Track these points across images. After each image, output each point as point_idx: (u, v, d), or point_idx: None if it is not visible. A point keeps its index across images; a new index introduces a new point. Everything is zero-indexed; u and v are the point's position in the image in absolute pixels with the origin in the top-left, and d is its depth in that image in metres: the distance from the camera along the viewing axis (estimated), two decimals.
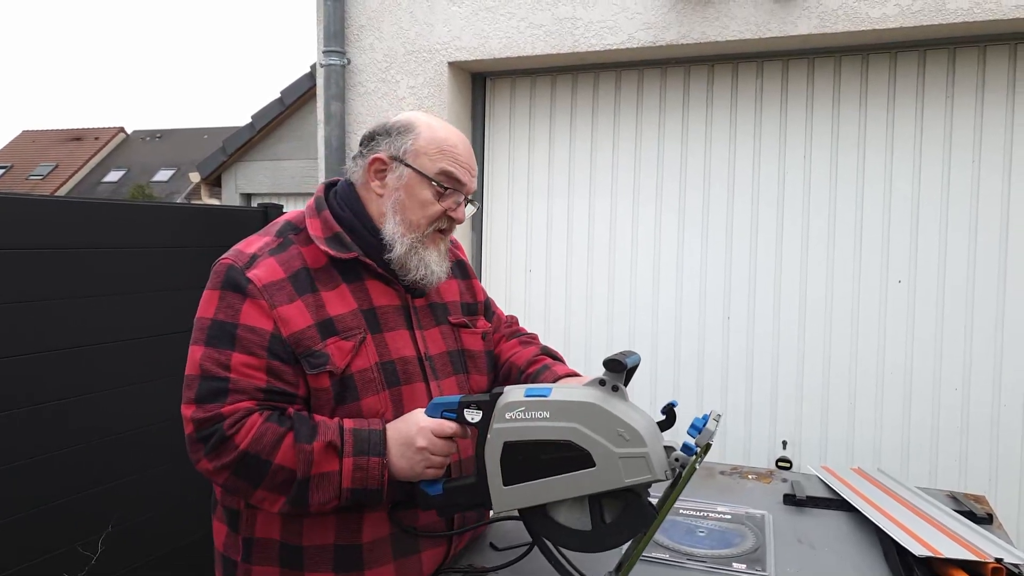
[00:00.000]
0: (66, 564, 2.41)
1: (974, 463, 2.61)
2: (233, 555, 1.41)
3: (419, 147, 1.40)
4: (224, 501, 1.43)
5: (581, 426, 1.14)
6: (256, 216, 3.29)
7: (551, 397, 1.17)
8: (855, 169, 2.71)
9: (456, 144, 1.43)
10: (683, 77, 2.93)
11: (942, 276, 2.63)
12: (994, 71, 2.56)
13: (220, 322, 1.33)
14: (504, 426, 1.18)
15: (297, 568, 1.34)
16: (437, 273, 1.43)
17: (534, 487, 1.17)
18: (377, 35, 3.14)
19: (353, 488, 1.26)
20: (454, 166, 1.40)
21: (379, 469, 1.26)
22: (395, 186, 1.40)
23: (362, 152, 1.44)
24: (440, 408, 1.27)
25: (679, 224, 2.94)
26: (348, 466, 1.26)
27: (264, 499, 1.27)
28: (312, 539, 1.34)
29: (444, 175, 1.40)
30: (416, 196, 1.39)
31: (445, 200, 1.41)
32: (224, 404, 1.28)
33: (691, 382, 2.94)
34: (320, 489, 1.26)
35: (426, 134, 1.41)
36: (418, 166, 1.39)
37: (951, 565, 1.38)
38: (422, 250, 1.40)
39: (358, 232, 1.40)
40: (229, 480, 1.27)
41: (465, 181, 1.43)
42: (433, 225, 1.41)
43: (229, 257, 1.38)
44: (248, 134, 8.87)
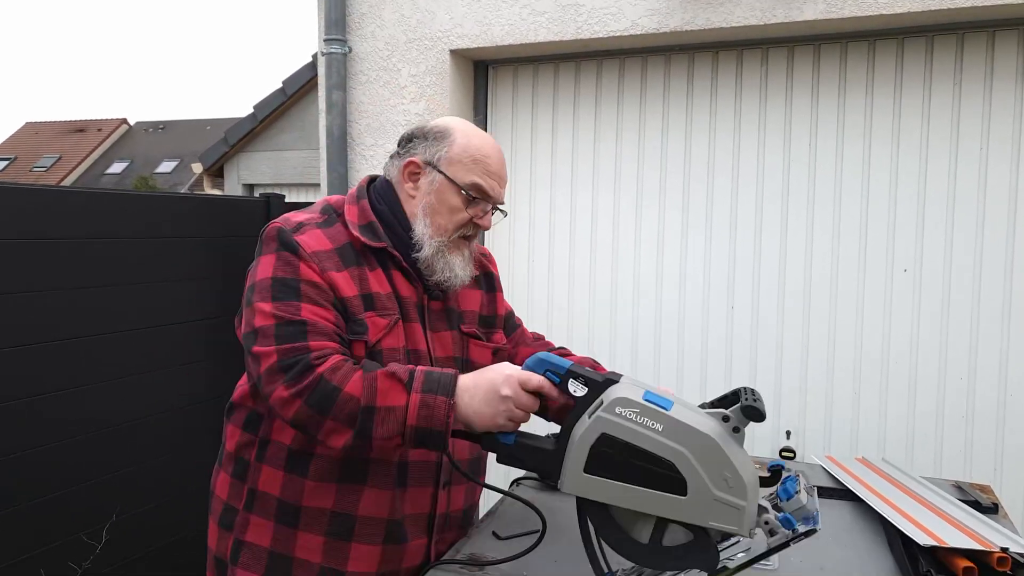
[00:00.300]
0: (70, 554, 2.42)
1: (979, 452, 2.60)
2: (235, 503, 1.46)
3: (453, 155, 1.45)
4: (239, 451, 1.47)
5: (690, 455, 1.10)
6: (258, 206, 3.28)
7: (670, 412, 1.12)
8: (861, 157, 2.69)
9: (489, 155, 1.47)
10: (687, 64, 2.90)
11: (948, 265, 2.61)
12: (1003, 57, 2.53)
13: (281, 279, 1.36)
14: (610, 418, 1.13)
15: (292, 526, 1.40)
16: (460, 277, 1.47)
17: (614, 487, 1.13)
18: (378, 23, 3.12)
19: (417, 426, 1.24)
20: (484, 178, 1.45)
21: (445, 409, 1.24)
22: (427, 190, 1.45)
23: (399, 153, 1.50)
24: (545, 366, 1.22)
25: (683, 214, 2.92)
26: (415, 402, 1.24)
27: (332, 432, 1.26)
28: (312, 501, 1.39)
29: (474, 187, 1.45)
30: (446, 202, 1.45)
31: (473, 208, 1.46)
32: (309, 341, 1.30)
33: (695, 372, 2.92)
34: (384, 423, 1.25)
35: (461, 142, 1.46)
36: (450, 174, 1.44)
37: (956, 554, 1.37)
38: (448, 254, 1.45)
39: (391, 225, 1.46)
40: (300, 410, 1.26)
41: (494, 193, 1.48)
42: (460, 231, 1.46)
43: (278, 222, 1.43)
44: (250, 125, 8.86)
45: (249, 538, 1.43)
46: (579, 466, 1.14)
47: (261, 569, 1.42)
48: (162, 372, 2.78)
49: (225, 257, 3.07)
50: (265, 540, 1.42)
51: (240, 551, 1.44)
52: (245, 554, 1.43)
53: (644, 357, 2.99)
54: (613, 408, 1.13)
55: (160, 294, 2.76)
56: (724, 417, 1.14)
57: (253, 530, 1.43)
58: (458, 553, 1.47)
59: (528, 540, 1.35)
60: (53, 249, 2.40)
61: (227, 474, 1.50)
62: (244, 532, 1.44)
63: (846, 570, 1.41)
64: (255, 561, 1.42)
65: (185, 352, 2.87)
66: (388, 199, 1.48)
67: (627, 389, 1.15)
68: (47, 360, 2.37)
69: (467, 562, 1.43)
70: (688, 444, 1.10)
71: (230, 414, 1.55)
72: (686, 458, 1.10)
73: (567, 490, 1.17)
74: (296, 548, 1.41)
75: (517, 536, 1.54)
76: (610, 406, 1.13)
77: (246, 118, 8.97)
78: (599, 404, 1.15)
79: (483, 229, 1.51)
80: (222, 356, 3.03)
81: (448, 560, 1.44)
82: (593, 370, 1.22)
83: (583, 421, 1.16)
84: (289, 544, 1.41)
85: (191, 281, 2.90)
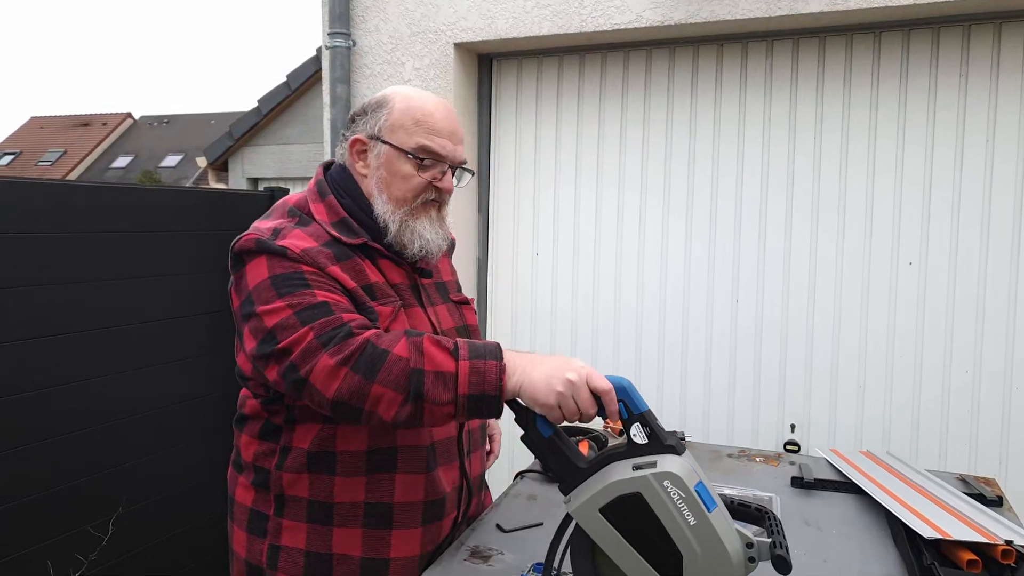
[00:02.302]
0: (77, 546, 2.44)
1: (984, 446, 2.59)
2: (264, 509, 1.44)
3: (394, 121, 1.39)
4: (257, 460, 1.45)
5: (703, 560, 1.09)
6: (262, 200, 3.28)
7: (710, 515, 1.09)
8: (866, 150, 2.68)
9: (432, 112, 1.40)
10: (692, 57, 2.89)
11: (953, 258, 2.60)
12: (1009, 49, 2.51)
13: (281, 275, 1.29)
14: (655, 485, 1.09)
15: (326, 524, 1.38)
16: (434, 241, 1.42)
17: (616, 539, 1.12)
18: (382, 16, 3.12)
19: (470, 394, 1.18)
20: (431, 138, 1.39)
21: (496, 372, 1.18)
22: (376, 164, 1.40)
23: (344, 135, 1.46)
24: (624, 395, 1.16)
25: (687, 207, 2.91)
26: (464, 369, 1.19)
27: (379, 399, 1.19)
28: (343, 497, 1.37)
29: (421, 148, 1.38)
30: (397, 172, 1.39)
31: (427, 172, 1.40)
32: (341, 315, 1.25)
33: (699, 366, 2.92)
34: (436, 387, 1.18)
35: (400, 106, 1.40)
36: (395, 141, 1.39)
37: (960, 547, 1.37)
38: (412, 222, 1.40)
39: (360, 218, 1.41)
40: (347, 379, 1.19)
41: (445, 152, 1.40)
42: (420, 197, 1.41)
43: (250, 234, 1.36)
44: (254, 118, 8.86)
45: (284, 542, 1.41)
46: (597, 502, 1.12)
47: (300, 571, 1.40)
48: (167, 365, 2.79)
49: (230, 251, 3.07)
50: (300, 542, 1.40)
51: (277, 555, 1.42)
52: (283, 558, 1.41)
53: (648, 349, 2.99)
54: (662, 479, 1.09)
55: (166, 288, 2.77)
56: (748, 543, 1.12)
57: (287, 534, 1.41)
58: (462, 546, 1.48)
59: (532, 532, 1.35)
60: (59, 243, 2.40)
61: (248, 482, 1.48)
62: (278, 537, 1.42)
63: (850, 563, 1.41)
64: (293, 564, 1.40)
65: (191, 345, 2.88)
66: (348, 188, 1.43)
67: (684, 469, 1.11)
68: (52, 353, 2.38)
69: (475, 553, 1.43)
70: (706, 551, 1.08)
71: (241, 425, 1.53)
72: (696, 560, 1.09)
73: (573, 514, 1.15)
74: (334, 544, 1.39)
75: (521, 529, 1.54)
76: (661, 475, 1.10)
77: (250, 112, 8.97)
78: (651, 464, 1.12)
79: (446, 192, 1.44)
80: (227, 349, 3.04)
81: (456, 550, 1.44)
82: (662, 426, 1.16)
83: (626, 468, 1.13)
84: (326, 542, 1.39)
85: (196, 275, 2.91)
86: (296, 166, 8.72)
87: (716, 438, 2.88)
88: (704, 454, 2.09)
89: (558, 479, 1.20)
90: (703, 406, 2.93)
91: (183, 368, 2.85)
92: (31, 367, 2.32)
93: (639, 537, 1.11)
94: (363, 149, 1.42)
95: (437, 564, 1.41)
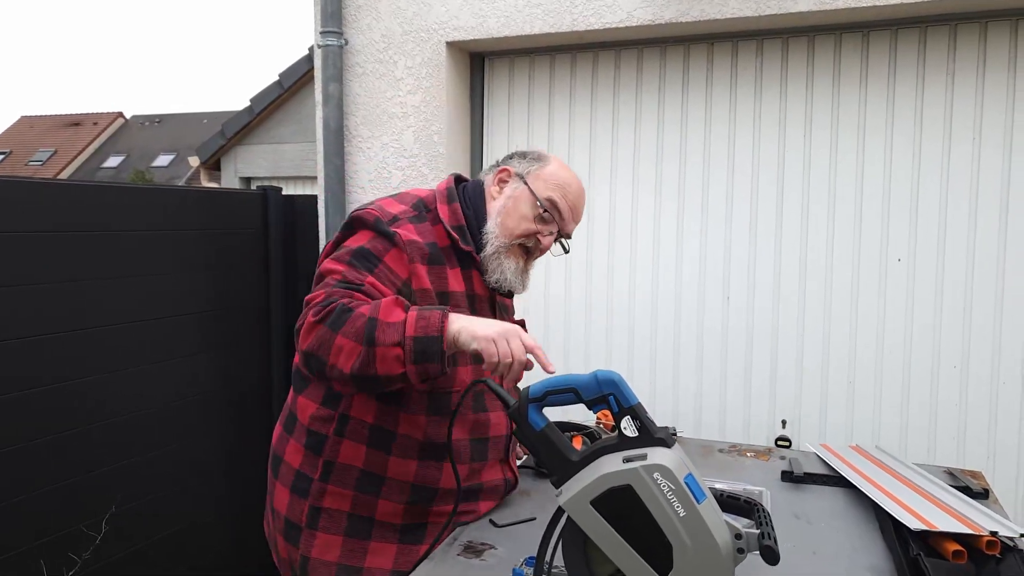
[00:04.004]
0: (70, 545, 2.44)
1: (972, 440, 2.62)
2: (310, 472, 1.55)
3: (541, 173, 1.61)
4: (312, 424, 1.55)
5: (692, 551, 1.10)
6: (255, 199, 3.29)
7: (699, 507, 1.10)
8: (855, 147, 2.70)
9: (571, 184, 1.62)
10: (682, 56, 2.91)
11: (941, 255, 2.63)
12: (995, 48, 2.54)
13: (366, 250, 1.47)
14: (645, 477, 1.11)
15: (374, 494, 1.52)
16: (511, 282, 1.60)
17: (607, 531, 1.13)
18: (375, 15, 3.12)
19: (416, 336, 1.29)
20: (561, 199, 1.59)
21: (440, 319, 1.31)
22: (508, 195, 1.60)
23: (498, 162, 1.68)
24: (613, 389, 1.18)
25: (679, 204, 2.93)
26: (412, 316, 1.31)
27: (340, 350, 1.31)
28: (395, 475, 1.52)
29: (549, 201, 1.59)
30: (519, 209, 1.59)
31: (539, 223, 1.59)
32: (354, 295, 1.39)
33: (691, 362, 2.94)
34: (385, 332, 1.29)
35: (552, 168, 1.63)
36: (532, 186, 1.60)
37: (946, 538, 1.39)
38: (503, 257, 1.58)
39: (472, 230, 1.59)
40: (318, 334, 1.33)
41: (565, 216, 1.61)
42: (520, 239, 1.59)
43: (374, 210, 1.53)
44: (247, 118, 8.85)
45: (327, 504, 1.53)
46: (589, 495, 1.14)
47: (341, 531, 1.53)
48: (160, 364, 2.79)
49: (223, 250, 3.08)
50: (345, 505, 1.53)
51: (319, 516, 1.54)
52: (324, 519, 1.54)
53: (640, 346, 3.01)
54: (652, 471, 1.11)
55: (158, 287, 2.77)
56: (737, 535, 1.13)
57: (331, 498, 1.53)
58: (455, 541, 1.49)
59: (525, 527, 1.36)
60: (51, 242, 2.40)
61: (299, 444, 1.58)
62: (321, 499, 1.54)
63: (838, 555, 1.43)
64: (334, 524, 1.53)
65: (183, 344, 2.89)
66: (475, 203, 1.62)
67: (674, 461, 1.12)
68: (44, 353, 2.39)
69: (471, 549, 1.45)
70: (696, 541, 1.10)
71: (302, 386, 1.61)
72: (687, 551, 1.10)
73: (564, 506, 1.17)
74: (378, 513, 1.53)
75: (514, 524, 1.56)
76: (651, 467, 1.11)
77: (243, 111, 8.96)
78: (641, 457, 1.13)
79: (543, 249, 1.62)
80: (220, 348, 3.04)
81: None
82: (652, 420, 1.19)
83: (616, 460, 1.14)
84: (371, 508, 1.53)
85: (192, 273, 2.91)
86: (289, 165, 8.71)
87: (708, 434, 2.91)
88: (696, 449, 2.11)
89: (550, 472, 1.22)
90: (695, 402, 2.95)
91: (175, 367, 2.85)
92: (20, 367, 2.32)
93: (630, 529, 1.13)
94: (505, 179, 1.63)
95: (430, 560, 1.42)
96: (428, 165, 3.07)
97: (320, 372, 1.36)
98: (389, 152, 3.14)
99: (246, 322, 3.19)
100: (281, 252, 3.34)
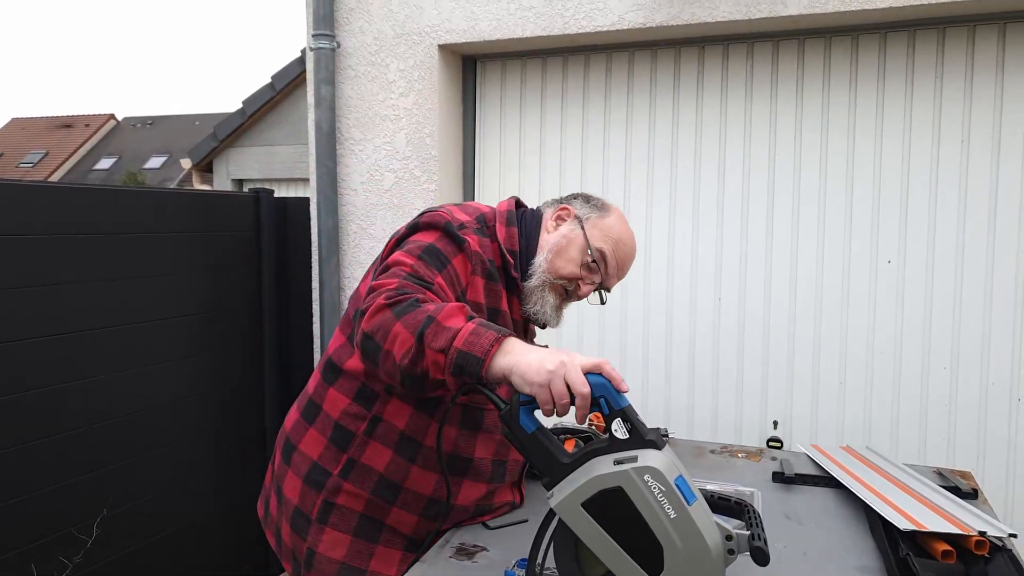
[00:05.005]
0: (61, 549, 2.43)
1: (962, 440, 2.64)
2: (329, 467, 1.55)
3: (600, 223, 1.63)
4: (343, 419, 1.55)
5: (683, 553, 1.10)
6: (248, 201, 3.28)
7: (689, 508, 1.10)
8: (844, 150, 2.72)
9: (626, 242, 1.65)
10: (673, 59, 2.92)
11: (931, 256, 2.65)
12: (983, 51, 2.56)
13: (437, 250, 1.47)
14: (635, 479, 1.10)
15: (390, 501, 1.53)
16: (548, 315, 1.61)
17: (598, 533, 1.13)
18: (367, 18, 3.12)
19: (460, 349, 1.23)
20: (611, 254, 1.62)
21: (490, 341, 1.23)
22: (563, 233, 1.62)
23: (562, 198, 1.70)
24: (603, 392, 1.17)
25: (670, 206, 2.94)
26: (467, 328, 1.25)
27: (398, 336, 1.27)
28: (414, 486, 1.53)
29: (600, 252, 1.61)
30: (569, 251, 1.60)
31: (584, 269, 1.61)
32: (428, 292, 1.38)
33: (683, 364, 2.95)
34: (437, 337, 1.24)
35: (611, 221, 1.64)
36: (588, 233, 1.61)
37: (935, 538, 1.40)
38: (547, 292, 1.60)
39: (521, 258, 1.62)
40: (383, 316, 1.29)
41: (609, 269, 1.63)
42: (563, 280, 1.60)
43: (444, 214, 1.54)
44: (239, 120, 8.83)
45: (341, 501, 1.54)
46: (580, 497, 1.13)
47: (350, 530, 1.54)
48: (153, 366, 2.79)
49: (215, 252, 3.07)
50: (359, 506, 1.54)
51: (330, 512, 1.54)
52: (335, 515, 1.54)
53: (632, 348, 3.01)
54: (643, 473, 1.10)
55: (150, 289, 2.77)
56: (727, 536, 1.13)
57: (346, 496, 1.54)
58: (447, 543, 1.49)
59: (517, 529, 1.37)
60: (41, 245, 2.40)
61: (322, 436, 1.57)
62: (336, 496, 1.54)
63: (828, 555, 1.44)
64: (344, 522, 1.54)
65: (176, 346, 2.88)
66: (531, 231, 1.64)
67: (664, 463, 1.12)
68: (34, 356, 2.38)
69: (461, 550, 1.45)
70: (687, 543, 1.10)
71: (333, 378, 1.58)
72: (677, 553, 1.10)
73: (556, 509, 1.16)
74: (389, 519, 1.54)
75: (506, 526, 1.56)
76: (641, 469, 1.11)
77: (235, 113, 8.94)
78: (631, 459, 1.13)
79: (580, 295, 1.63)
80: (212, 351, 3.04)
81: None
82: (642, 422, 1.18)
83: (606, 462, 1.14)
84: (383, 513, 1.54)
85: (185, 275, 2.91)
86: (281, 167, 8.69)
87: (700, 435, 2.92)
88: (687, 450, 2.12)
89: (541, 474, 1.22)
90: (687, 404, 2.96)
91: (168, 369, 2.85)
92: (12, 369, 2.31)
93: (621, 531, 1.13)
94: (564, 218, 1.64)
95: (422, 562, 1.42)
96: (420, 167, 3.08)
97: (374, 358, 1.32)
98: (381, 155, 3.14)
99: (239, 323, 3.18)
100: (274, 254, 3.34)
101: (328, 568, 1.54)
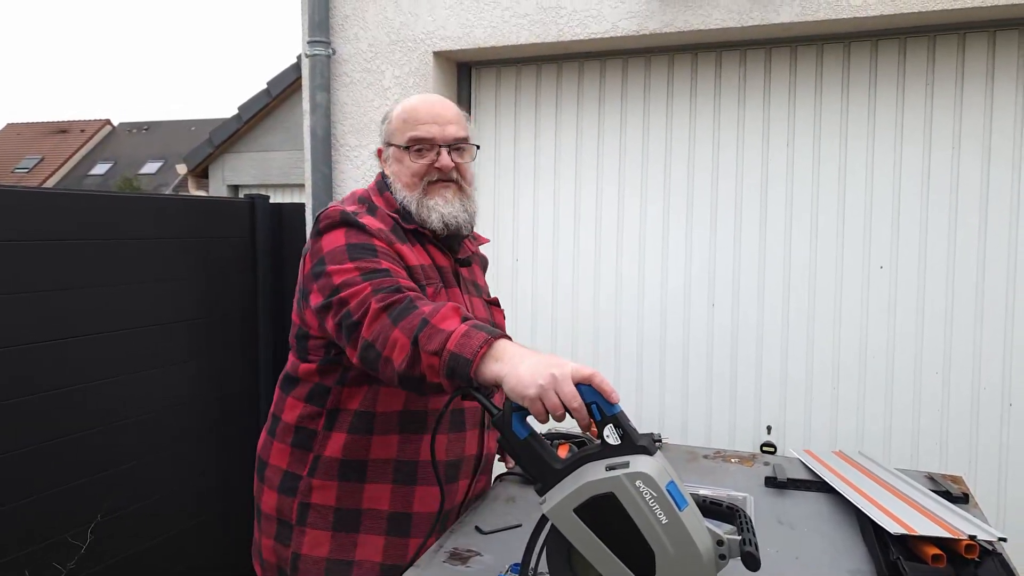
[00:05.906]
0: (54, 555, 2.42)
1: (954, 445, 2.65)
2: (298, 471, 1.58)
3: (393, 128, 1.66)
4: (301, 422, 1.59)
5: (676, 559, 1.10)
6: (243, 207, 3.29)
7: (680, 513, 1.10)
8: (837, 156, 2.74)
9: (416, 106, 1.65)
10: (667, 66, 2.94)
11: (923, 262, 2.66)
12: (973, 58, 2.59)
13: (356, 243, 1.48)
14: (627, 485, 1.11)
15: (359, 480, 1.55)
16: (450, 213, 1.61)
17: (590, 538, 1.13)
18: (362, 25, 3.14)
19: (452, 351, 1.24)
20: (416, 128, 1.61)
21: (480, 343, 1.24)
22: (391, 164, 1.67)
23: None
24: (594, 398, 1.18)
25: (664, 213, 2.96)
26: (460, 330, 1.27)
27: (397, 341, 1.30)
28: (377, 454, 1.54)
29: (411, 140, 1.62)
30: (403, 165, 1.63)
31: (422, 157, 1.61)
32: (399, 281, 1.41)
33: (677, 369, 2.96)
34: (431, 339, 1.27)
35: (394, 113, 1.67)
36: (395, 142, 1.65)
37: (925, 542, 1.40)
38: (427, 200, 1.60)
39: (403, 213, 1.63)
40: (381, 322, 1.33)
41: (431, 134, 1.61)
42: (424, 179, 1.61)
43: (337, 206, 1.57)
44: (235, 126, 8.83)
45: (315, 500, 1.55)
46: (571, 502, 1.14)
47: (329, 525, 1.55)
48: (149, 372, 2.79)
49: (211, 258, 3.08)
50: (331, 499, 1.55)
51: (307, 512, 1.56)
52: (312, 514, 1.56)
53: (628, 354, 3.02)
54: (634, 479, 1.11)
55: (145, 295, 2.77)
56: (719, 541, 1.14)
57: (318, 493, 1.55)
58: (441, 548, 1.49)
59: (510, 533, 1.37)
60: (38, 250, 2.40)
61: (285, 444, 1.60)
62: (309, 495, 1.56)
63: (820, 559, 1.45)
64: (322, 519, 1.55)
65: (172, 351, 2.88)
66: (387, 187, 1.67)
67: (656, 469, 1.12)
68: (29, 362, 2.38)
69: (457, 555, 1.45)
70: (678, 548, 1.10)
71: (289, 387, 1.64)
72: (669, 558, 1.11)
73: (548, 514, 1.17)
74: (364, 500, 1.55)
75: (500, 531, 1.57)
76: (633, 475, 1.11)
77: (231, 119, 8.94)
78: (623, 465, 1.13)
79: (445, 169, 1.62)
80: (206, 357, 3.04)
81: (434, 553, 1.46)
82: (634, 428, 1.18)
83: (598, 468, 1.14)
84: (357, 498, 1.55)
85: (176, 282, 2.91)
86: (277, 173, 8.69)
87: (694, 440, 2.92)
88: (681, 455, 2.12)
89: (534, 480, 1.22)
90: (681, 409, 2.97)
91: (163, 375, 2.85)
92: (11, 372, 2.31)
93: (613, 536, 1.13)
94: (384, 157, 1.69)
95: (416, 567, 1.42)
96: None
97: (375, 366, 1.34)
98: (376, 161, 3.14)
99: (234, 329, 3.19)
100: (269, 260, 3.34)
101: (315, 568, 1.55)
